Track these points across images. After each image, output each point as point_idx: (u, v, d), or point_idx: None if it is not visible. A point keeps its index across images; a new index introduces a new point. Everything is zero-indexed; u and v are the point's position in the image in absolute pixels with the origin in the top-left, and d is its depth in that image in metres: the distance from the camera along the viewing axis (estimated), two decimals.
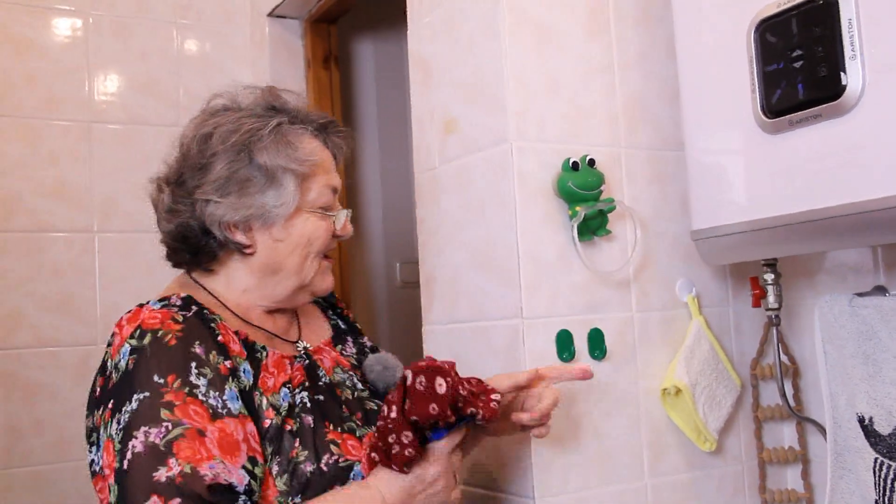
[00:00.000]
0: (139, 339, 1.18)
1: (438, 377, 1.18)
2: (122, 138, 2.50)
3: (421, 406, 1.17)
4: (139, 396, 1.13)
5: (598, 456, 1.57)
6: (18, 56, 2.40)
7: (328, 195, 1.36)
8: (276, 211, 1.30)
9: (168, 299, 1.26)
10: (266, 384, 1.26)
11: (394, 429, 1.19)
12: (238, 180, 1.28)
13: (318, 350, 1.43)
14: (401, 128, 3.26)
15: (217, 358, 1.20)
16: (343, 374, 1.42)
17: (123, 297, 2.43)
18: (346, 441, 1.27)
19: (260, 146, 1.29)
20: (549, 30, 1.59)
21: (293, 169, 1.31)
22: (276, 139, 1.31)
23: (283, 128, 1.33)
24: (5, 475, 2.28)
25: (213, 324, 1.25)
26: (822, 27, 1.28)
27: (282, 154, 1.30)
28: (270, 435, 1.21)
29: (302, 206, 1.33)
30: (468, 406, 1.21)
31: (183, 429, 1.11)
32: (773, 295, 1.61)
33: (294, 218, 1.32)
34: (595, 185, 1.54)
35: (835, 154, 1.30)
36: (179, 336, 1.19)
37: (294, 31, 2.68)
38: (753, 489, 1.74)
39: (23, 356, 2.33)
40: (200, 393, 1.15)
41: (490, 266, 1.58)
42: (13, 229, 2.35)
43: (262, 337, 1.35)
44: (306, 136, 1.36)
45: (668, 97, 1.70)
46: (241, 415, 1.17)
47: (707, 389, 1.64)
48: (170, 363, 1.16)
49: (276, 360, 1.31)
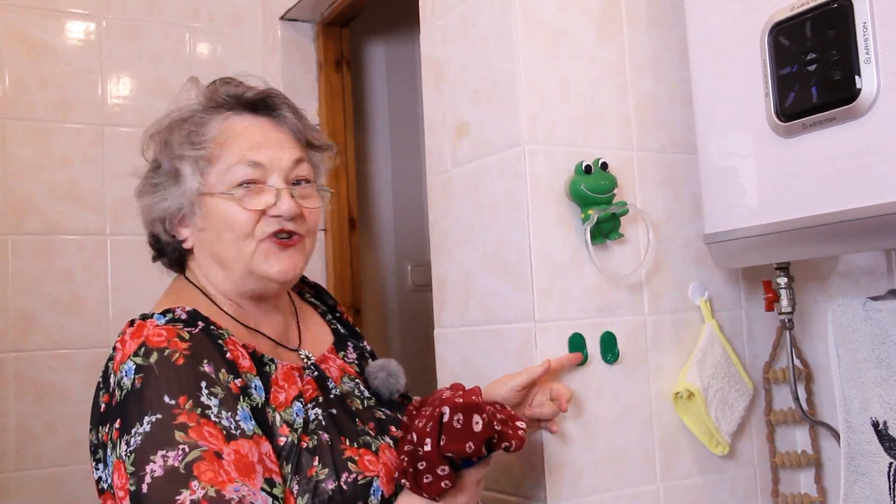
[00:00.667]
0: (145, 358, 1.15)
1: (476, 415, 1.17)
2: (134, 141, 2.43)
3: (458, 444, 1.16)
4: (150, 419, 1.10)
5: (610, 459, 1.57)
6: (31, 59, 2.42)
7: (243, 171, 1.27)
8: (180, 200, 1.28)
9: (173, 312, 1.22)
10: (278, 399, 1.23)
11: (427, 460, 1.17)
12: (152, 179, 1.32)
13: (323, 359, 1.40)
14: (412, 131, 3.26)
15: (227, 376, 1.16)
16: (350, 384, 1.39)
17: (135, 300, 2.43)
18: (363, 457, 1.24)
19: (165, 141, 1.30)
20: (561, 33, 1.59)
21: (188, 155, 1.27)
22: (178, 130, 1.29)
23: (188, 116, 1.30)
24: (17, 477, 2.28)
25: (220, 340, 1.21)
26: (836, 30, 1.28)
27: (180, 143, 1.28)
28: (286, 453, 1.18)
29: (208, 191, 1.27)
30: (502, 441, 1.20)
31: (201, 451, 1.08)
32: (787, 298, 1.60)
33: (207, 204, 1.27)
34: (608, 189, 1.54)
35: (849, 157, 1.29)
36: (187, 355, 1.15)
37: (306, 35, 2.68)
38: (766, 493, 1.73)
39: (35, 358, 2.34)
40: (213, 414, 1.12)
41: (502, 269, 1.58)
42: (26, 232, 2.36)
43: (267, 347, 1.31)
44: (216, 117, 1.30)
45: (680, 100, 1.69)
46: (255, 435, 1.14)
47: (719, 393, 1.63)
48: (180, 383, 1.13)
49: (285, 372, 1.28)
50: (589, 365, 1.56)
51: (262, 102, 1.33)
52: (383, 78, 3.26)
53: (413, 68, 3.25)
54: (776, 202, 1.42)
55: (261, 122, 1.32)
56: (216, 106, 1.32)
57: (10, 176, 2.35)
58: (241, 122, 1.31)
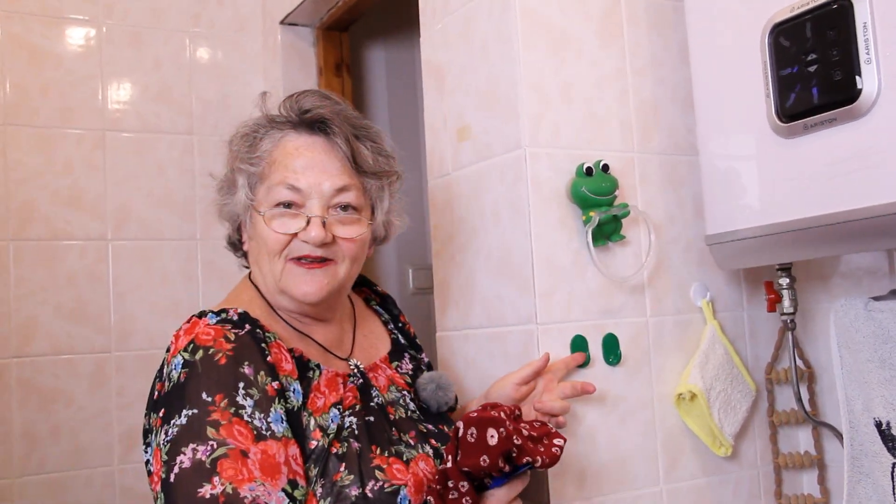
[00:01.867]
0: (192, 354, 1.21)
1: (491, 428, 1.16)
2: (135, 146, 2.51)
3: (472, 458, 1.16)
4: (188, 413, 1.16)
5: (613, 461, 1.57)
6: (33, 66, 2.42)
7: (280, 193, 1.31)
8: (235, 209, 1.38)
9: (226, 313, 1.27)
10: (316, 404, 1.27)
11: (451, 477, 1.18)
12: (221, 183, 1.42)
13: (373, 367, 1.42)
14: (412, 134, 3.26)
15: (265, 378, 1.21)
16: (397, 393, 1.41)
17: (137, 305, 2.44)
18: (391, 466, 1.25)
19: (233, 152, 1.39)
20: (562, 36, 1.59)
21: (242, 168, 1.35)
22: (242, 142, 1.37)
23: (253, 131, 1.37)
24: (21, 482, 2.28)
25: (264, 343, 1.25)
26: (836, 31, 1.28)
27: (240, 156, 1.36)
28: (316, 456, 1.21)
29: (257, 206, 1.34)
30: (523, 455, 1.18)
31: (227, 448, 1.13)
32: (789, 299, 1.60)
33: (254, 218, 1.35)
34: (609, 191, 1.55)
35: (850, 158, 1.30)
36: (230, 355, 1.20)
37: (306, 39, 2.69)
38: (769, 494, 1.73)
39: (38, 364, 2.34)
40: (246, 414, 1.16)
41: (504, 272, 1.59)
42: (28, 238, 2.36)
43: (316, 353, 1.35)
44: (274, 135, 1.36)
45: (681, 102, 1.70)
46: (284, 437, 1.18)
47: (722, 394, 1.63)
48: (218, 382, 1.18)
49: (329, 378, 1.31)
50: (591, 367, 1.56)
51: (320, 125, 1.35)
52: (383, 82, 3.26)
53: (413, 72, 3.25)
54: (777, 203, 1.42)
55: (315, 142, 1.35)
56: (278, 123, 1.37)
57: (13, 182, 2.35)
58: (294, 143, 1.35)
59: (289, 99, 1.38)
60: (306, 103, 1.36)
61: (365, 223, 1.37)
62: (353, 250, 1.35)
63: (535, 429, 1.22)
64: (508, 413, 1.21)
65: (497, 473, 1.18)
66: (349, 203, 1.34)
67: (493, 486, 1.20)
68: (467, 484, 1.17)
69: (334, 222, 1.32)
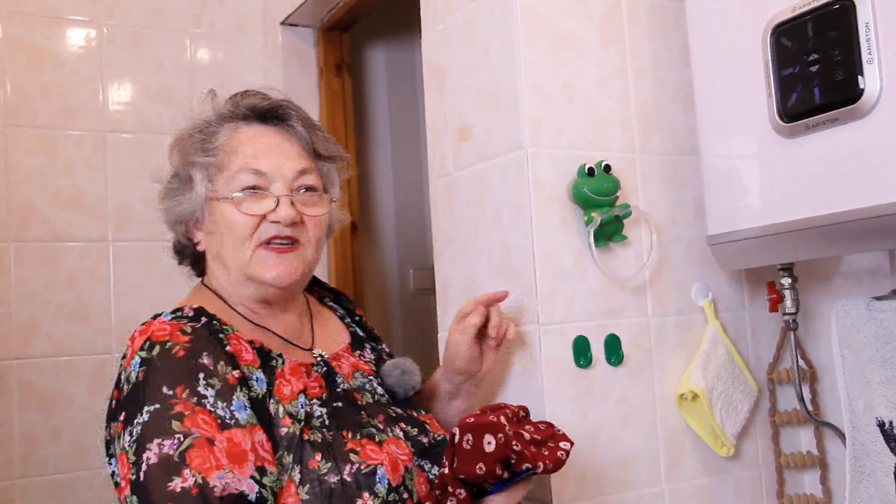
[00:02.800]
0: (148, 351, 1.19)
1: (487, 434, 1.14)
2: (136, 147, 2.51)
3: (467, 465, 1.14)
4: (150, 409, 1.15)
5: (615, 461, 1.57)
6: (33, 67, 2.42)
7: (245, 178, 1.32)
8: (192, 205, 1.35)
9: (181, 310, 1.27)
10: (282, 392, 1.26)
11: (447, 482, 1.16)
12: (173, 184, 1.39)
13: (336, 356, 1.42)
14: (413, 135, 3.26)
15: (225, 368, 1.20)
16: (362, 379, 1.41)
17: (138, 306, 2.44)
18: (365, 447, 1.25)
19: (179, 150, 1.38)
20: (563, 36, 1.59)
21: (198, 161, 1.34)
22: (191, 139, 1.36)
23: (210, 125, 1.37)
24: (22, 484, 2.28)
25: (221, 334, 1.25)
26: (838, 31, 1.28)
27: (193, 151, 1.35)
28: (287, 443, 1.21)
29: (216, 195, 1.33)
30: (522, 462, 1.14)
31: (193, 438, 1.12)
32: (790, 299, 1.60)
33: (214, 209, 1.33)
34: (610, 191, 1.55)
35: (852, 158, 1.30)
36: (187, 347, 1.20)
37: (307, 40, 2.69)
38: (771, 494, 1.73)
39: (39, 365, 2.34)
40: (209, 403, 1.15)
41: (506, 272, 1.59)
42: (29, 239, 2.36)
43: (277, 343, 1.35)
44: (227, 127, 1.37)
45: (682, 102, 1.70)
46: (249, 424, 1.17)
47: (724, 394, 1.63)
48: (178, 374, 1.17)
49: (292, 367, 1.31)
50: (593, 367, 1.56)
51: (273, 112, 1.38)
52: (384, 82, 3.26)
53: (413, 72, 3.25)
54: (779, 203, 1.42)
55: (269, 131, 1.37)
56: (229, 116, 1.38)
57: (13, 183, 2.36)
58: (250, 132, 1.37)
59: (231, 99, 1.40)
60: (253, 100, 1.39)
61: (327, 202, 1.40)
62: (318, 231, 1.37)
63: (540, 431, 1.20)
64: (510, 416, 1.19)
65: (494, 480, 1.15)
66: (311, 185, 1.36)
67: (493, 491, 1.18)
68: (464, 491, 1.16)
69: (300, 202, 1.34)
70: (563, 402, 1.52)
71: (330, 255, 2.65)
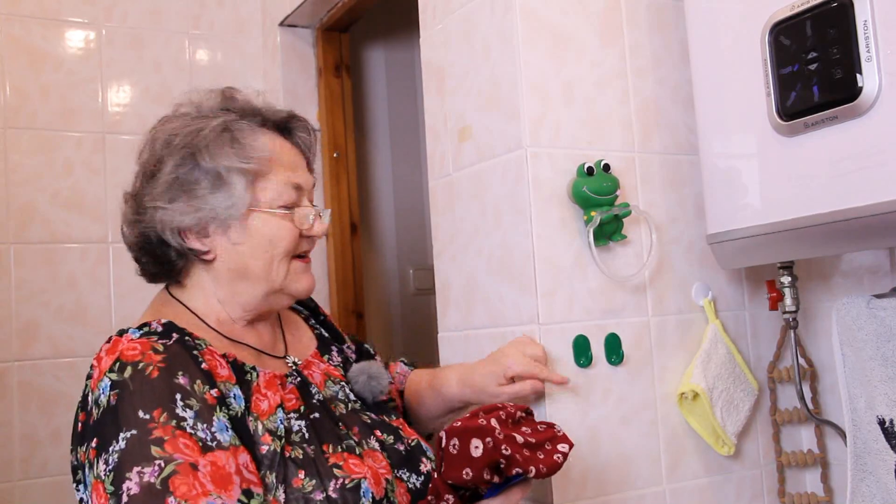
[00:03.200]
0: (119, 373, 1.13)
1: (475, 439, 1.10)
2: (135, 149, 2.49)
3: (454, 470, 1.11)
4: (126, 435, 1.09)
5: (616, 461, 1.57)
6: (33, 68, 2.42)
7: (289, 193, 1.30)
8: (227, 212, 1.25)
9: (149, 325, 1.21)
10: (260, 408, 1.22)
11: (438, 489, 1.14)
12: (183, 183, 1.25)
13: (307, 364, 1.39)
14: (412, 135, 3.26)
15: (203, 387, 1.15)
16: (335, 387, 1.38)
17: (138, 307, 2.39)
18: (347, 461, 1.23)
19: (203, 146, 1.25)
20: (563, 36, 1.59)
21: (239, 167, 1.25)
22: (219, 137, 1.26)
23: (230, 125, 1.28)
24: (23, 485, 2.28)
25: (196, 351, 1.20)
26: (837, 29, 1.28)
27: (226, 152, 1.25)
28: (269, 461, 1.17)
29: (257, 206, 1.27)
30: (513, 466, 1.11)
31: (176, 464, 1.07)
32: (790, 298, 1.60)
33: (250, 219, 1.27)
34: (610, 191, 1.55)
35: (851, 156, 1.30)
36: (161, 367, 1.14)
37: (306, 40, 2.69)
38: (772, 493, 1.73)
39: (39, 366, 2.34)
40: (188, 426, 1.11)
41: (506, 272, 1.59)
42: (29, 240, 2.36)
43: (250, 356, 1.31)
44: (259, 132, 1.31)
45: (682, 102, 1.70)
46: (232, 446, 1.13)
47: (724, 393, 1.63)
48: (154, 397, 1.12)
49: (267, 380, 1.27)
50: (593, 367, 1.56)
51: (287, 125, 1.37)
52: (383, 82, 3.26)
53: (412, 73, 3.25)
54: (779, 201, 1.42)
55: (287, 143, 1.36)
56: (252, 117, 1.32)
57: (13, 185, 2.36)
58: (278, 142, 1.34)
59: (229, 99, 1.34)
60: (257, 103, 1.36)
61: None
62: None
63: (538, 433, 1.16)
64: (505, 418, 1.15)
65: (484, 485, 1.13)
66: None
67: (488, 496, 1.15)
68: (452, 497, 1.13)
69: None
70: (563, 402, 1.52)
71: (330, 256, 2.65)
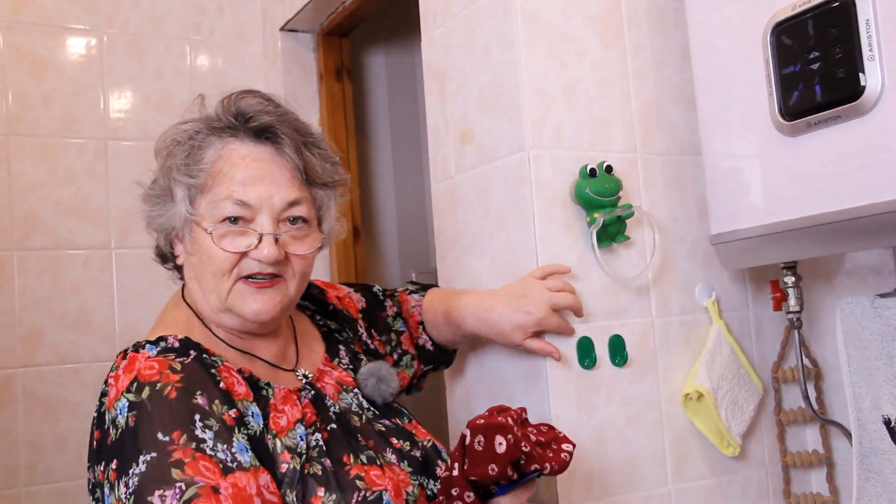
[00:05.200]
0: (137, 394, 1.12)
1: (498, 436, 1.13)
2: (137, 155, 2.51)
3: (479, 467, 1.12)
4: (146, 458, 1.07)
5: (621, 462, 1.56)
6: (34, 76, 2.42)
7: (229, 209, 1.23)
8: (170, 221, 1.27)
9: (165, 341, 1.20)
10: (278, 424, 1.21)
11: (456, 485, 1.15)
12: (154, 192, 1.30)
13: (319, 375, 1.36)
14: (413, 139, 3.26)
15: (221, 408, 1.14)
16: (349, 398, 1.35)
17: (141, 313, 2.44)
18: (369, 473, 1.21)
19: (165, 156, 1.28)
20: (563, 38, 1.59)
21: (180, 180, 1.24)
22: (183, 147, 1.26)
23: (195, 135, 1.26)
24: (28, 492, 2.28)
25: (213, 369, 1.18)
26: (839, 28, 1.28)
27: (179, 163, 1.25)
28: (289, 479, 1.15)
29: (199, 221, 1.24)
30: (531, 463, 1.14)
31: (198, 487, 1.05)
32: (794, 297, 1.60)
33: (196, 232, 1.25)
34: (613, 192, 1.55)
35: (854, 155, 1.30)
36: (179, 387, 1.13)
37: (306, 45, 2.69)
38: (778, 493, 1.73)
39: (43, 373, 2.34)
40: (208, 447, 1.09)
41: (510, 274, 1.58)
42: (32, 247, 2.36)
43: (264, 369, 1.29)
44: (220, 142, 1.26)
45: (683, 102, 1.70)
46: (252, 467, 1.11)
47: (729, 394, 1.63)
48: (173, 418, 1.10)
49: (283, 395, 1.25)
50: (598, 368, 1.56)
51: (267, 132, 1.27)
52: (384, 86, 3.26)
53: (413, 76, 3.25)
54: (782, 201, 1.42)
55: (261, 151, 1.27)
56: (220, 128, 1.27)
57: (16, 192, 2.36)
58: (240, 151, 1.26)
59: (227, 100, 1.29)
60: (247, 107, 1.27)
61: (317, 236, 1.31)
62: (303, 266, 1.29)
63: (543, 434, 1.19)
64: (515, 417, 1.18)
65: (505, 481, 1.15)
66: (300, 216, 1.27)
67: (499, 493, 1.17)
68: (473, 494, 1.14)
69: (286, 238, 1.26)
70: (568, 404, 1.52)
71: (332, 260, 2.66)
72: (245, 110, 1.27)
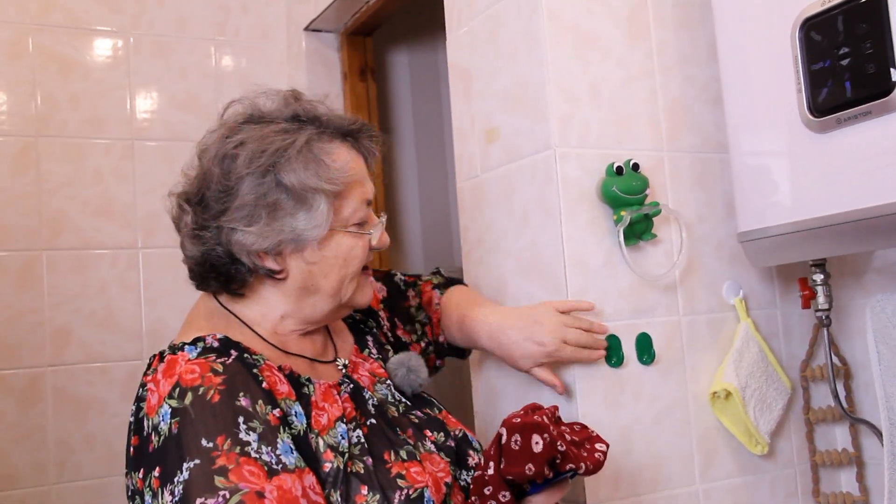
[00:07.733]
0: (180, 399, 1.11)
1: (535, 435, 1.12)
2: (163, 155, 2.53)
3: (516, 466, 1.12)
4: (189, 465, 1.06)
5: (648, 461, 1.56)
6: (62, 77, 2.45)
7: (363, 210, 1.28)
8: (307, 234, 1.22)
9: (203, 341, 1.18)
10: (320, 423, 1.19)
11: (491, 485, 1.15)
12: (265, 205, 1.20)
13: (354, 367, 1.36)
14: (437, 138, 3.27)
15: (265, 408, 1.12)
16: (383, 389, 1.36)
17: (168, 312, 2.46)
18: (409, 470, 1.20)
19: (287, 167, 1.20)
20: (589, 36, 1.59)
21: (324, 189, 1.21)
22: (304, 157, 1.21)
23: (311, 143, 1.23)
24: (57, 489, 2.31)
25: (255, 368, 1.17)
26: (869, 23, 1.27)
27: (311, 173, 1.21)
28: (333, 479, 1.14)
29: (335, 226, 1.24)
30: (567, 462, 1.14)
31: (242, 494, 1.04)
32: (823, 295, 1.59)
33: (327, 239, 1.24)
34: (639, 190, 1.54)
35: (885, 152, 1.28)
36: (222, 389, 1.11)
37: (330, 45, 2.70)
38: (807, 493, 1.72)
39: (72, 372, 2.36)
40: (253, 450, 1.08)
41: (536, 273, 1.58)
42: (60, 247, 2.39)
43: (304, 365, 1.28)
44: (336, 146, 1.26)
45: (709, 100, 1.69)
46: (297, 469, 1.10)
47: (757, 392, 1.62)
48: (216, 423, 1.09)
49: (323, 392, 1.24)
50: (625, 367, 1.55)
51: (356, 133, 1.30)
52: (407, 86, 3.27)
53: (437, 75, 3.26)
54: (811, 198, 1.41)
55: (353, 151, 1.30)
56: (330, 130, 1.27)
57: (44, 193, 2.38)
58: (349, 154, 1.28)
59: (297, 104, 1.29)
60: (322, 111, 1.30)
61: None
62: None
63: (576, 433, 1.19)
64: (550, 416, 1.18)
65: (540, 480, 1.14)
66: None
67: (532, 492, 1.17)
68: (509, 494, 1.14)
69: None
70: (595, 402, 1.52)
71: None
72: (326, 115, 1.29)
